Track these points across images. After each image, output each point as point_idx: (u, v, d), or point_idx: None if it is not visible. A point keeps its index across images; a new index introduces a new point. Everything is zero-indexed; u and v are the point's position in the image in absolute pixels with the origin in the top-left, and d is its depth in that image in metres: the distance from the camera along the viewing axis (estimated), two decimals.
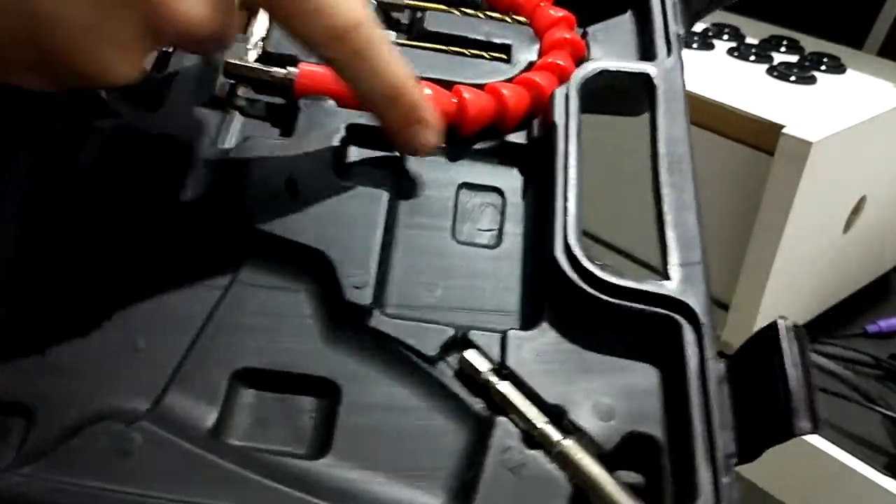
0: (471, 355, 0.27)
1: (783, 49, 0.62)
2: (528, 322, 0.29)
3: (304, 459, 0.25)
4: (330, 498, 0.24)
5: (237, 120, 0.33)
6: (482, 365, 0.26)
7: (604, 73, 0.34)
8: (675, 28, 0.36)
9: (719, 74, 0.55)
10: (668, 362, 0.27)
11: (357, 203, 0.30)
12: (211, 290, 0.28)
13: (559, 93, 0.33)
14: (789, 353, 0.26)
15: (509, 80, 0.34)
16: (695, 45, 0.60)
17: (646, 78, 0.34)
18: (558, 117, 0.32)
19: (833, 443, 0.48)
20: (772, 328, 0.27)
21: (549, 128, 0.32)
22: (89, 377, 0.26)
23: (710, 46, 0.60)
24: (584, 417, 0.26)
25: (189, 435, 0.25)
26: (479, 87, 0.33)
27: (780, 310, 0.51)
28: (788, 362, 0.26)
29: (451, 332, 0.27)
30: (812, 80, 0.56)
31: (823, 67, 0.59)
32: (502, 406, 0.26)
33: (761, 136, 0.47)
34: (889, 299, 0.64)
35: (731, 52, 0.60)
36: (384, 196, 0.31)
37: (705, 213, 0.49)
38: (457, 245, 0.31)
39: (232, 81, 0.34)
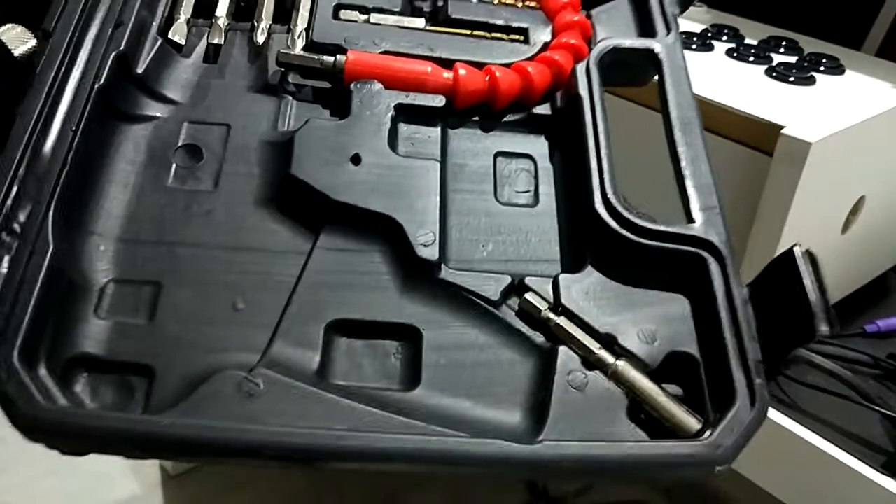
0: (531, 297, 0.31)
1: (782, 50, 0.62)
2: (573, 267, 0.33)
3: (398, 392, 0.29)
4: (427, 420, 0.28)
5: (292, 104, 0.37)
6: (541, 304, 0.31)
7: (616, 50, 0.38)
8: (672, 9, 0.40)
9: (718, 75, 0.55)
10: (698, 291, 0.32)
11: (413, 173, 0.34)
12: (296, 256, 0.32)
13: (580, 68, 0.37)
14: (807, 270, 0.30)
15: (531, 59, 0.38)
16: (694, 47, 0.60)
17: (652, 53, 0.39)
18: (582, 90, 0.37)
19: (832, 442, 0.48)
20: (788, 254, 0.31)
21: (573, 99, 0.37)
22: (199, 337, 0.30)
23: (710, 47, 0.61)
24: (631, 342, 0.30)
25: (299, 378, 0.28)
26: (507, 66, 0.38)
27: None
28: (807, 278, 0.30)
29: (508, 279, 0.32)
30: (811, 81, 0.56)
31: (822, 68, 0.59)
32: (561, 338, 0.30)
33: (760, 137, 0.47)
34: (888, 299, 0.64)
35: (730, 52, 0.60)
36: (436, 166, 0.35)
37: None
38: (500, 206, 0.35)
39: (282, 70, 0.37)
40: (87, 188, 0.32)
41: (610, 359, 0.30)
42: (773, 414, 0.50)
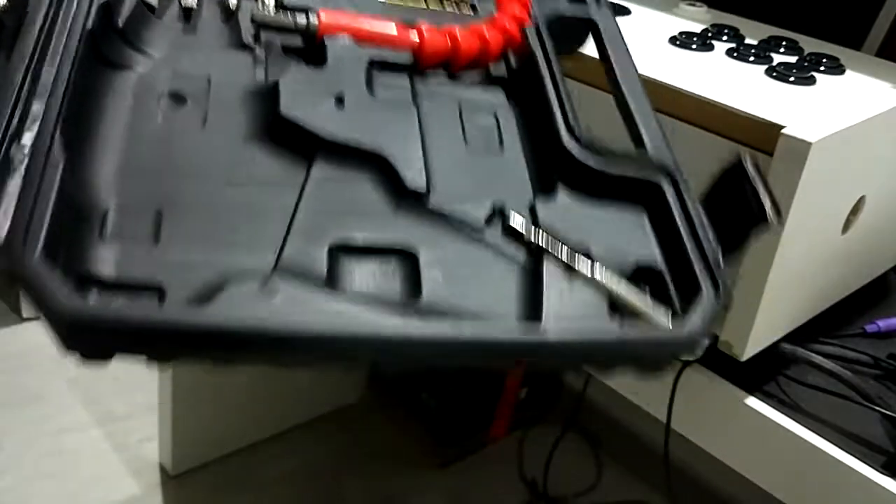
0: (513, 219, 0.36)
1: (782, 50, 0.62)
2: (544, 194, 0.38)
3: (404, 301, 0.32)
4: (434, 319, 0.31)
5: (267, 59, 0.39)
6: (522, 225, 0.35)
7: (560, 17, 0.45)
8: None
9: (718, 75, 0.55)
10: (656, 208, 0.37)
11: (393, 116, 0.38)
12: (290, 188, 0.34)
13: (530, 31, 0.43)
14: (754, 172, 0.35)
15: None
16: (694, 47, 0.60)
17: (592, 22, 0.45)
18: (536, 48, 0.42)
19: (832, 442, 0.48)
20: (736, 163, 0.36)
21: (528, 57, 0.42)
22: (206, 259, 0.31)
23: (710, 47, 0.61)
24: (604, 253, 0.35)
25: (312, 288, 0.30)
26: (465, 29, 0.42)
27: (779, 309, 0.51)
28: (755, 178, 0.35)
29: (490, 206, 0.36)
30: (811, 81, 0.56)
31: (823, 68, 0.59)
32: (543, 252, 0.35)
33: (760, 137, 0.47)
34: (888, 299, 0.64)
35: (730, 52, 0.60)
36: (413, 110, 0.39)
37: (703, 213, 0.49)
38: (471, 149, 0.39)
39: (254, 31, 0.40)
40: (83, 120, 0.33)
41: (587, 267, 0.34)
42: (772, 414, 0.50)
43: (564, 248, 0.34)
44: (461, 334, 0.29)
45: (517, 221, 0.35)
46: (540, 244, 0.35)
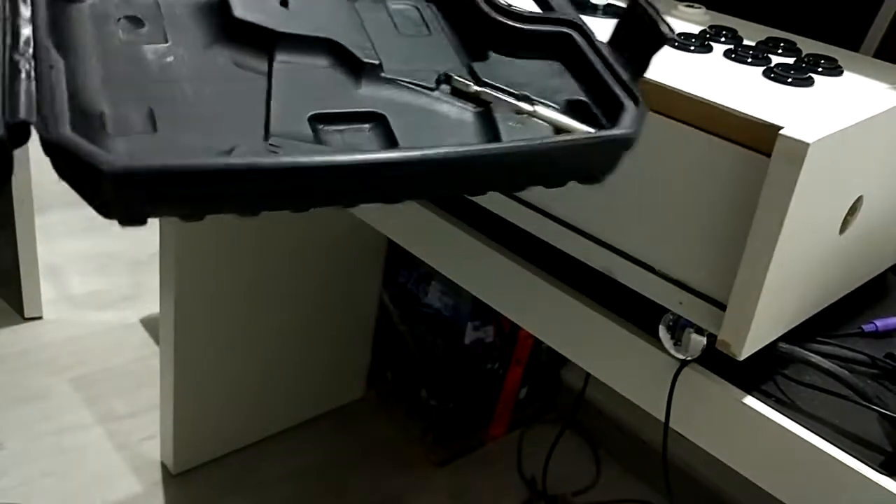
0: (458, 79, 0.42)
1: (780, 51, 0.63)
2: (478, 60, 0.44)
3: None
4: (415, 149, 0.35)
5: None
6: (467, 83, 0.42)
7: None
8: None
9: (717, 76, 0.55)
10: (571, 57, 0.44)
11: (335, 10, 0.43)
12: (258, 76, 0.39)
13: None
14: (646, 4, 0.42)
15: None
16: (692, 48, 0.60)
17: None
18: None
19: (830, 441, 0.48)
20: (631, 3, 0.42)
21: None
22: (204, 139, 0.35)
23: (708, 49, 0.61)
24: (538, 96, 0.42)
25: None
26: None
27: (776, 309, 0.51)
28: (648, 8, 0.41)
29: (436, 73, 0.42)
30: (809, 82, 0.56)
31: (821, 69, 0.59)
32: (491, 101, 0.41)
33: (759, 138, 0.47)
34: (885, 299, 0.64)
35: (728, 54, 0.60)
36: (351, 5, 0.44)
37: (702, 212, 0.50)
38: (406, 36, 0.45)
39: None
40: (61, 44, 0.36)
41: (529, 106, 0.41)
42: (770, 413, 0.51)
43: (506, 96, 0.41)
44: (438, 153, 0.34)
45: (462, 82, 0.42)
46: (486, 96, 0.41)
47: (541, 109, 0.41)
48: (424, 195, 0.40)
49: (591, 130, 0.41)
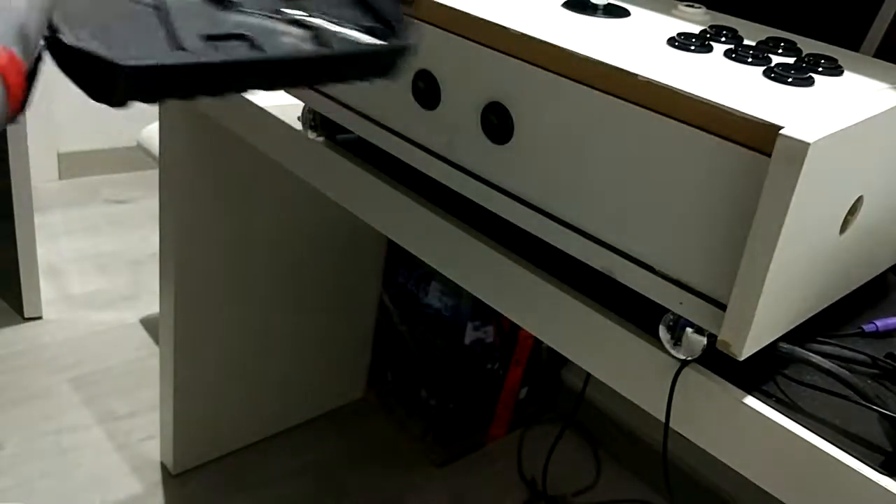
0: (290, 12, 0.51)
1: (781, 51, 0.63)
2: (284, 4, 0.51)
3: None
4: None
5: None
6: (301, 14, 0.51)
7: None
8: None
9: (717, 76, 0.55)
10: None
11: None
12: (150, 8, 0.46)
13: None
14: None
15: None
16: (692, 48, 0.60)
17: None
18: None
19: (830, 441, 0.48)
20: None
21: None
22: (141, 46, 0.42)
23: (708, 49, 0.61)
24: (343, 21, 0.51)
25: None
26: None
27: (777, 309, 0.51)
28: None
29: (277, 7, 0.50)
30: (810, 82, 0.56)
31: (821, 69, 0.59)
32: (314, 27, 0.50)
33: (759, 138, 0.47)
34: (886, 299, 0.64)
35: (728, 53, 0.60)
36: None
37: (702, 212, 0.50)
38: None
39: None
40: None
41: (341, 28, 0.51)
42: (771, 413, 0.51)
43: (326, 21, 0.50)
44: (288, 53, 0.46)
45: (294, 13, 0.50)
46: (309, 22, 0.50)
47: (346, 30, 0.51)
48: (281, 85, 0.48)
49: (376, 41, 0.51)
